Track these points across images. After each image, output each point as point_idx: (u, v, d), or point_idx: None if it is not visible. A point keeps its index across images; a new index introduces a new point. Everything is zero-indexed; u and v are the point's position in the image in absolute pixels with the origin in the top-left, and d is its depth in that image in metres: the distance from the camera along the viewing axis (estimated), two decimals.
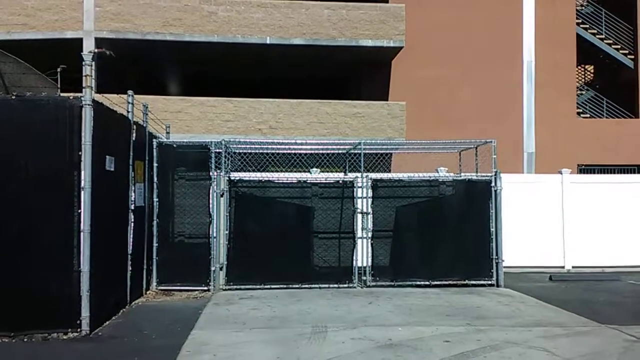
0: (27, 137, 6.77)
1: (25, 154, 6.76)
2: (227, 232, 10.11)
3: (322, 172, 11.88)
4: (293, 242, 10.47)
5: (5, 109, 6.83)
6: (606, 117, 20.37)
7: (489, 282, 10.51)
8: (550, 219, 12.84)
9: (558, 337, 6.96)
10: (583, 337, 7.07)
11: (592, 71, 22.65)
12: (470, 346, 6.48)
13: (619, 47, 20.12)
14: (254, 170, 11.16)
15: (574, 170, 15.91)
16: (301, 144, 11.46)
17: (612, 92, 20.75)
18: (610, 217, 12.97)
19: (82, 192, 6.80)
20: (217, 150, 10.19)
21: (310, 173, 11.64)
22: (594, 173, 17.14)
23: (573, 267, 12.81)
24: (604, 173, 16.77)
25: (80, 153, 6.81)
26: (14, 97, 7.01)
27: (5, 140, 6.75)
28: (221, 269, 10.03)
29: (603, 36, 20.08)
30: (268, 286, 10.05)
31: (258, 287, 10.03)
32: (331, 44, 16.86)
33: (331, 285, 10.24)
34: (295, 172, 11.52)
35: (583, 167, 18.31)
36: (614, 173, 16.64)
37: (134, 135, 8.77)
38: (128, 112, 8.78)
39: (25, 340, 6.60)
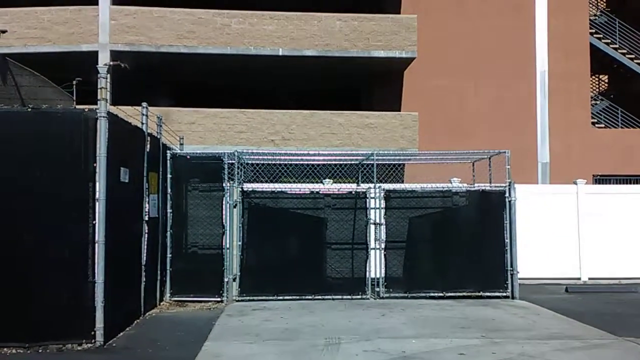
0: (43, 148, 6.84)
1: (41, 166, 6.83)
2: (240, 243, 10.12)
3: (335, 183, 11.88)
4: (306, 253, 10.46)
5: (21, 121, 6.92)
6: (621, 127, 20.20)
7: (504, 294, 10.41)
8: (565, 230, 12.71)
9: (575, 350, 6.87)
10: (600, 349, 6.97)
11: (606, 81, 22.50)
12: (485, 359, 6.41)
13: (633, 56, 19.97)
14: (266, 181, 11.19)
15: (589, 181, 15.77)
16: (314, 154, 11.47)
17: (627, 101, 20.58)
18: (626, 228, 12.81)
19: (97, 204, 6.84)
20: (230, 162, 10.24)
21: (323, 184, 11.65)
22: (610, 183, 16.96)
23: (589, 278, 12.65)
24: (620, 183, 16.60)
25: (95, 165, 6.86)
26: (30, 110, 7.10)
27: (21, 151, 6.83)
28: (234, 280, 10.03)
29: (617, 46, 19.96)
30: (281, 297, 10.03)
31: (271, 298, 10.01)
32: (343, 55, 16.93)
33: (344, 297, 10.20)
34: (308, 183, 11.54)
35: (598, 177, 18.13)
36: (630, 183, 16.45)
37: (148, 146, 8.82)
38: (142, 123, 8.84)
39: (40, 351, 6.63)
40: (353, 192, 10.71)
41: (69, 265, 6.81)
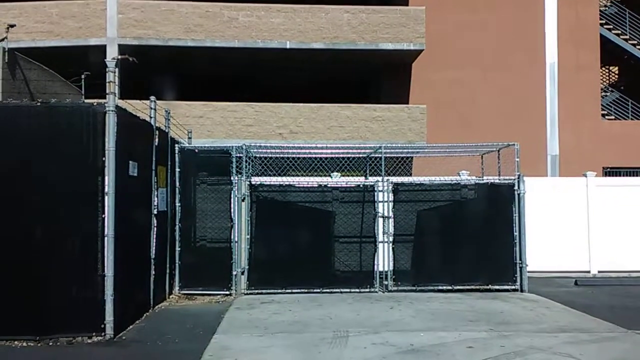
0: (52, 142, 6.87)
1: (50, 160, 6.86)
2: (248, 236, 10.14)
3: (343, 176, 11.86)
4: (314, 247, 10.46)
5: (31, 115, 6.95)
6: (631, 119, 20.03)
7: (513, 287, 10.38)
8: (575, 223, 12.63)
9: (584, 343, 6.84)
10: (609, 342, 6.94)
11: (616, 72, 22.29)
12: (493, 352, 6.40)
13: None
14: (274, 175, 11.19)
15: (599, 173, 15.66)
16: (322, 148, 11.45)
17: (638, 93, 20.39)
18: (636, 220, 12.71)
19: (106, 197, 6.88)
20: (238, 155, 10.25)
21: (331, 177, 11.63)
22: (620, 176, 16.84)
23: (599, 271, 12.58)
24: (630, 176, 16.47)
25: (104, 158, 6.89)
26: (39, 104, 7.13)
27: (30, 146, 6.86)
28: (243, 273, 10.06)
29: (627, 37, 19.76)
30: (289, 290, 10.05)
31: (279, 291, 10.04)
32: (351, 48, 16.88)
33: (352, 290, 10.20)
34: (315, 176, 11.53)
35: (608, 169, 18.00)
36: None
37: (157, 140, 8.84)
38: (150, 117, 8.87)
39: (51, 344, 6.69)
40: (361, 186, 10.69)
41: (79, 258, 6.85)
